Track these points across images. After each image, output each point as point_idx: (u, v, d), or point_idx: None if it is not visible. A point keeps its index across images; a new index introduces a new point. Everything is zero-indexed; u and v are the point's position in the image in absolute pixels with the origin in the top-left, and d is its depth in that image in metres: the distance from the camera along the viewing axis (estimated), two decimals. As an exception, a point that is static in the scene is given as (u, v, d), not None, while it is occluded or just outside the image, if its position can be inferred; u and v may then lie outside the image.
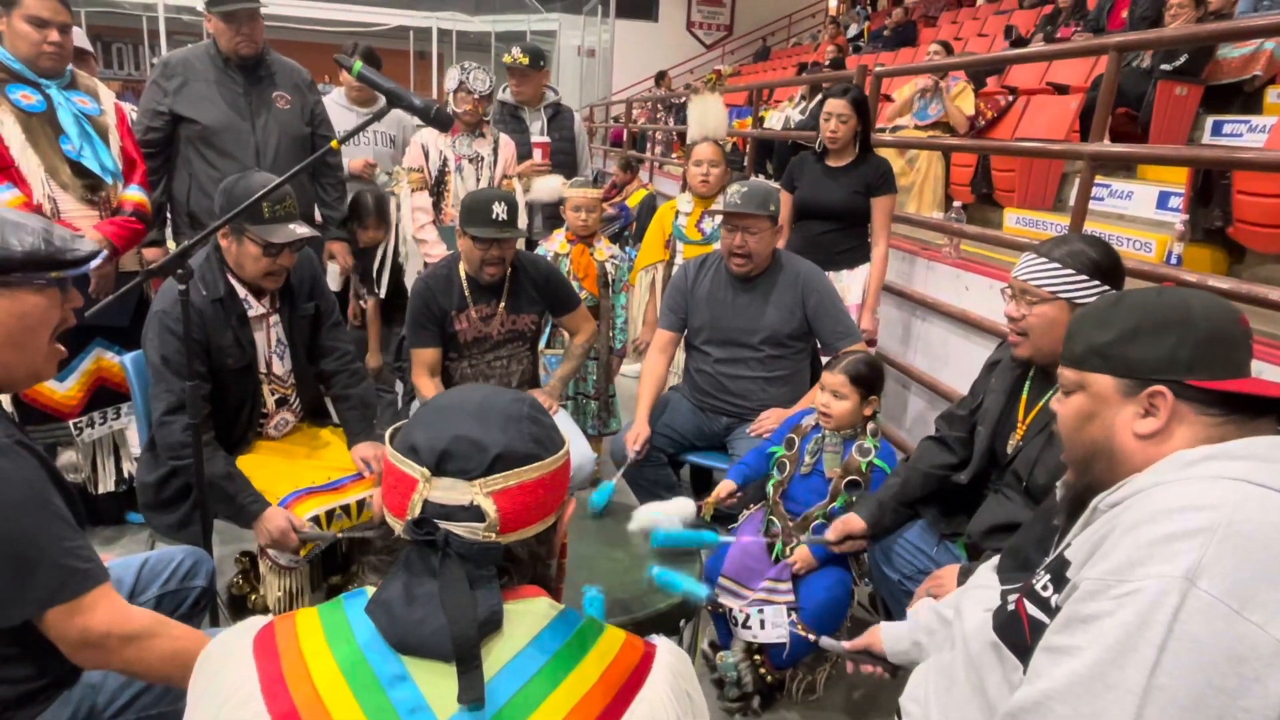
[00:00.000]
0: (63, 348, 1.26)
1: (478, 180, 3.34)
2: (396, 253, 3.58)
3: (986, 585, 1.16)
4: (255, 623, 0.80)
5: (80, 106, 2.47)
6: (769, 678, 2.06)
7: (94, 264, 1.23)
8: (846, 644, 1.61)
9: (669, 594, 1.65)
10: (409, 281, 3.61)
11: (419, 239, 3.32)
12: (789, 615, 1.97)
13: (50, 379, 1.34)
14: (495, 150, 3.40)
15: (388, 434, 0.84)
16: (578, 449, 2.58)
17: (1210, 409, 0.96)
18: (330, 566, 2.33)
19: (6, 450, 1.10)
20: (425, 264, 3.35)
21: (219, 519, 2.03)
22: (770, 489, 2.18)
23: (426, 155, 3.29)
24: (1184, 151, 3.50)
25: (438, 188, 3.33)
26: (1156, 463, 0.96)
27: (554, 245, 3.21)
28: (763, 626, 1.98)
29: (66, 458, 2.67)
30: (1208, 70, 4.25)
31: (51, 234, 1.18)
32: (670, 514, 1.88)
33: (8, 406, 2.45)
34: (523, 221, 3.21)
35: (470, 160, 3.33)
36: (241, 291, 2.09)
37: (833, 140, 3.10)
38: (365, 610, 0.76)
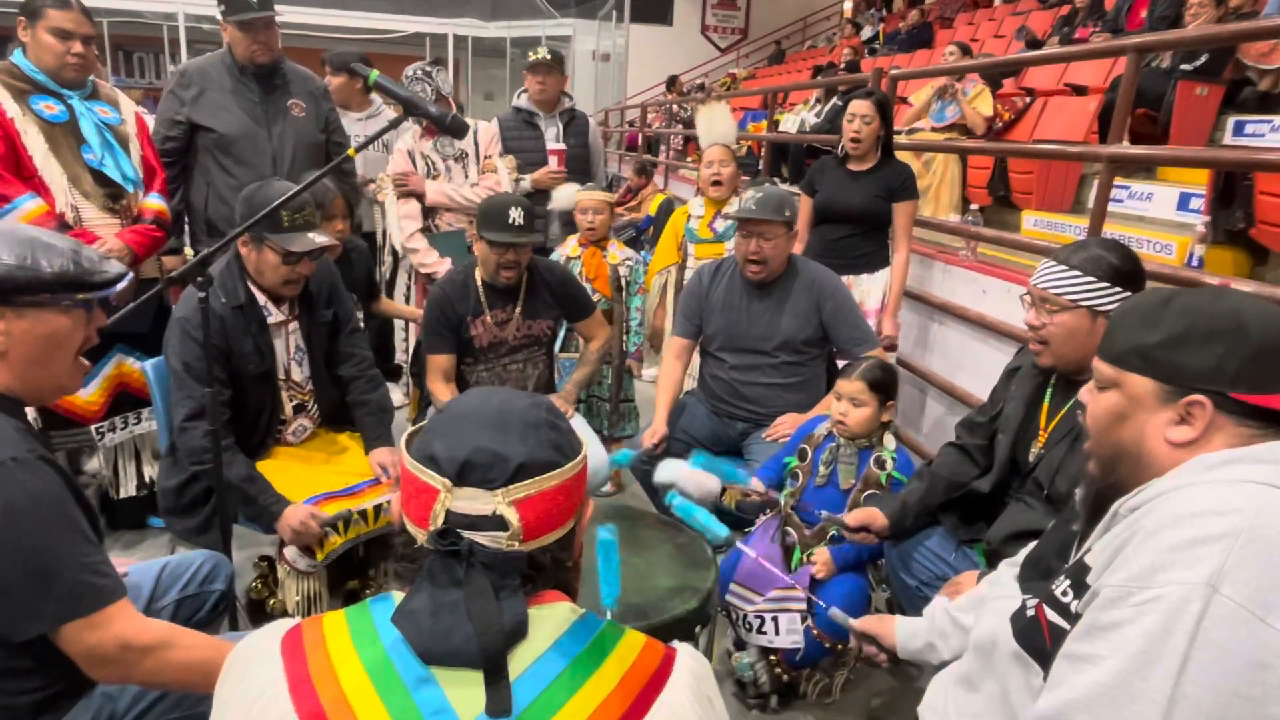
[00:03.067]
0: (87, 362, 1.28)
1: (465, 176, 3.33)
2: (380, 261, 3.55)
3: (1009, 595, 1.15)
4: (283, 624, 0.81)
5: (102, 116, 2.50)
6: (785, 677, 2.05)
7: (120, 287, 1.25)
8: (855, 622, 1.60)
9: (685, 523, 1.69)
10: (398, 291, 3.61)
11: (410, 248, 3.28)
12: (803, 621, 1.96)
13: (75, 391, 1.36)
14: (475, 140, 3.37)
15: (403, 440, 0.85)
16: (594, 452, 2.58)
17: (1250, 420, 0.93)
18: (347, 571, 2.34)
19: (29, 464, 1.11)
20: (415, 268, 3.33)
21: (241, 522, 2.05)
22: (784, 499, 2.17)
23: (414, 163, 3.28)
24: (1205, 153, 3.47)
25: None
26: (1178, 466, 0.94)
27: (566, 250, 3.22)
28: (777, 632, 1.97)
29: (93, 465, 2.69)
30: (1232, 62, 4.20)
31: (80, 255, 1.20)
32: (695, 481, 1.90)
33: (32, 412, 2.49)
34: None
35: (456, 159, 3.32)
36: (261, 298, 2.11)
37: (855, 143, 3.08)
38: (392, 620, 0.76)
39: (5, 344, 1.16)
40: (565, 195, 3.37)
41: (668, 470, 1.92)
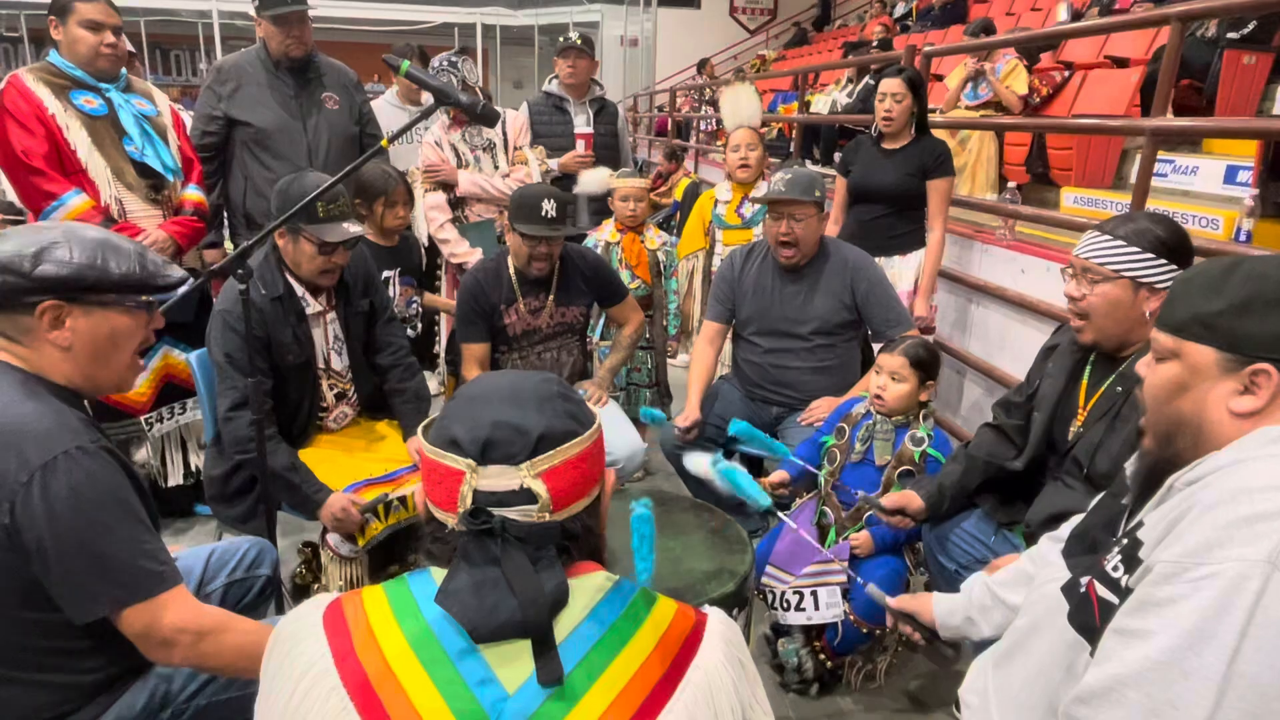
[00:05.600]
0: (142, 361, 1.33)
1: (495, 166, 3.34)
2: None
3: (1057, 578, 1.13)
4: (322, 600, 0.82)
5: (139, 109, 2.56)
6: (829, 664, 2.05)
7: (181, 291, 1.29)
8: (892, 600, 1.59)
9: (727, 488, 1.76)
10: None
11: (440, 239, 3.28)
12: (843, 597, 1.96)
13: (130, 389, 1.41)
14: (504, 129, 3.37)
15: (420, 430, 0.86)
16: (628, 438, 2.59)
17: None
18: (389, 555, 2.37)
19: (94, 454, 1.15)
20: (450, 261, 3.35)
21: (284, 509, 2.09)
22: (822, 480, 2.17)
23: (442, 154, 3.29)
24: (1252, 123, 3.36)
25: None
26: (1238, 439, 0.91)
27: (604, 235, 3.22)
28: (816, 607, 1.97)
29: (142, 455, 2.77)
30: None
31: (145, 259, 1.25)
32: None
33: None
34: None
35: (484, 149, 3.33)
36: (299, 289, 2.15)
37: (888, 122, 3.04)
38: (436, 602, 0.77)
39: (71, 339, 1.20)
40: (594, 179, 3.36)
41: (696, 462, 1.92)
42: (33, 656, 1.17)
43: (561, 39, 3.65)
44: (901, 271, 3.11)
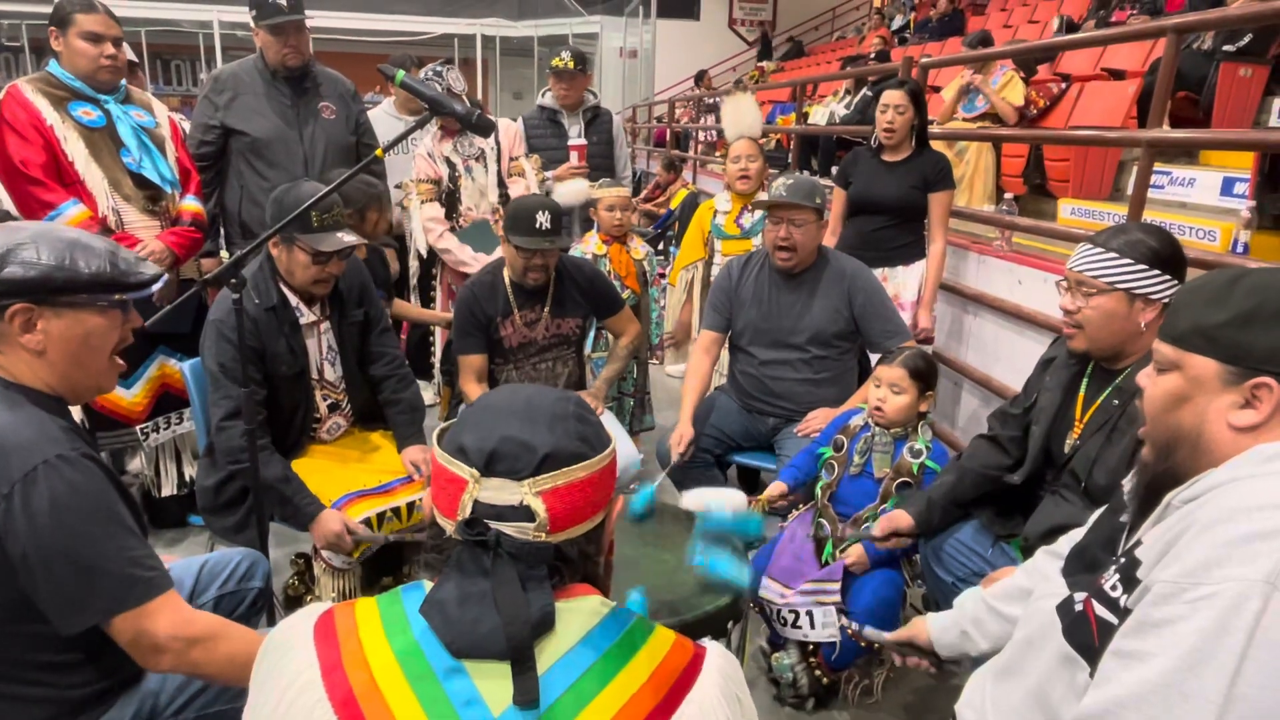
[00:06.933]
0: (122, 362, 1.31)
1: (487, 174, 3.32)
2: (406, 267, 3.53)
3: (1056, 593, 1.12)
4: (315, 610, 0.81)
5: (137, 120, 2.56)
6: (825, 680, 2.03)
7: (155, 288, 1.27)
8: (889, 635, 1.58)
9: (712, 582, 1.65)
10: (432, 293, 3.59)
11: (441, 249, 3.27)
12: (839, 616, 1.94)
13: (111, 390, 1.39)
14: (496, 139, 3.35)
15: (435, 435, 0.85)
16: (624, 448, 2.58)
17: None
18: (382, 567, 2.36)
19: (75, 462, 1.13)
20: (457, 270, 3.33)
21: (276, 521, 2.08)
22: (819, 491, 2.15)
23: (434, 164, 3.27)
24: (1249, 135, 3.37)
25: (452, 194, 3.29)
26: (1234, 457, 0.90)
27: (590, 247, 3.20)
28: (812, 626, 1.96)
29: (135, 465, 2.75)
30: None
31: (117, 257, 1.23)
32: (722, 500, 1.87)
33: (78, 414, 2.55)
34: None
35: (476, 159, 3.32)
36: (293, 299, 2.14)
37: (889, 133, 3.04)
38: (420, 611, 0.77)
39: (44, 343, 1.18)
40: (571, 191, 3.34)
41: (693, 498, 1.89)
42: (18, 670, 1.16)
43: (555, 61, 3.65)
44: (906, 280, 3.11)
